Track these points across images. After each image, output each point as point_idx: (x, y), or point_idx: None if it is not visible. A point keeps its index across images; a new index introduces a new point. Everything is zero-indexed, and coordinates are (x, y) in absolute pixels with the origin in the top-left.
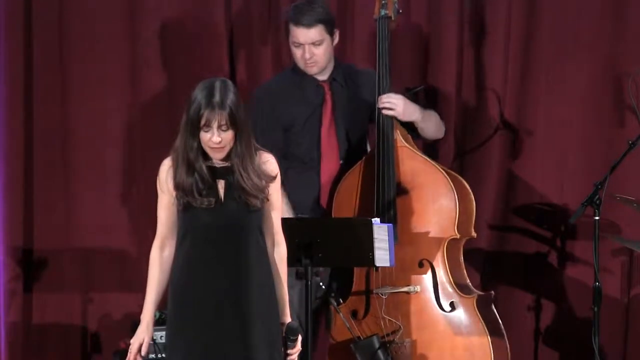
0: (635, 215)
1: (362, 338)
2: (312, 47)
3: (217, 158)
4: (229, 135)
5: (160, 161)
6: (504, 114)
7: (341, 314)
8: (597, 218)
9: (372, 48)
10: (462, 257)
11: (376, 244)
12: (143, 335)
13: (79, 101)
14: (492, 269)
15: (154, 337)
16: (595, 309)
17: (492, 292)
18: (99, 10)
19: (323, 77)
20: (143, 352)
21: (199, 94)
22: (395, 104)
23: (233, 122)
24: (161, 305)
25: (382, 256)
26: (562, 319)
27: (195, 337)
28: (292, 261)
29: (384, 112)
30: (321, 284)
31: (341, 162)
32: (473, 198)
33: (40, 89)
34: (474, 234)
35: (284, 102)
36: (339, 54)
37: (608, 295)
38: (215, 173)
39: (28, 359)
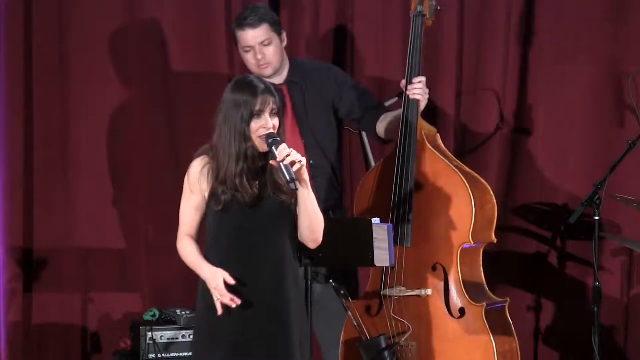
0: (635, 215)
1: (369, 338)
2: (262, 47)
3: (265, 149)
4: (277, 121)
5: (160, 160)
6: (504, 114)
7: (349, 313)
8: (597, 218)
9: (372, 49)
10: (481, 262)
11: (376, 244)
12: (215, 272)
13: (79, 101)
14: (492, 269)
15: (154, 337)
16: (595, 309)
17: (508, 298)
18: (99, 9)
19: (279, 80)
20: (230, 281)
21: (241, 89)
22: (425, 94)
23: (279, 109)
24: (163, 304)
25: (382, 256)
26: (562, 319)
27: (236, 337)
28: None
29: (413, 96)
30: (332, 281)
31: (311, 162)
32: (495, 205)
33: (40, 89)
34: (494, 239)
35: None
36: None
37: (608, 295)
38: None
39: (28, 359)
